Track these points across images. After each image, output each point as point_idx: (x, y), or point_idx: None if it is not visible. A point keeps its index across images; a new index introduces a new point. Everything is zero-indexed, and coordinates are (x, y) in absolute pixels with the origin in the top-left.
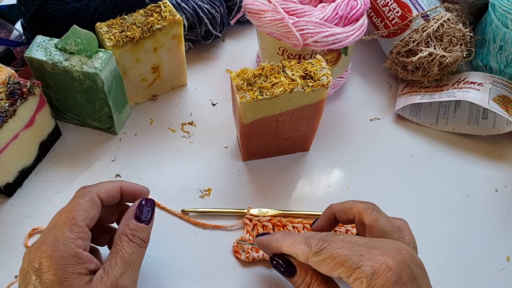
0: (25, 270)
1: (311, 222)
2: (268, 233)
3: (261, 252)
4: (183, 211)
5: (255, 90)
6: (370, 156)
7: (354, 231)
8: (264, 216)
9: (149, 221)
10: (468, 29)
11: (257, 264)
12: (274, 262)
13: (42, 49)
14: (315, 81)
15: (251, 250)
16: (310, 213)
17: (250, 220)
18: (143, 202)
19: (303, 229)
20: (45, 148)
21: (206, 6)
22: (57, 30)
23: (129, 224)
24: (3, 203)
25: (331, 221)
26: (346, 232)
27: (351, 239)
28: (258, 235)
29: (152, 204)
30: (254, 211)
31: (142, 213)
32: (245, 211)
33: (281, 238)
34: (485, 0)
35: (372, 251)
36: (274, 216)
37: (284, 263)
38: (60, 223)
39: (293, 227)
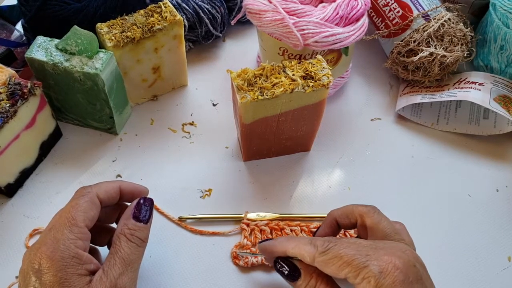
0: (24, 271)
1: (309, 224)
2: (271, 239)
3: (259, 257)
4: (180, 218)
5: (255, 90)
6: (371, 156)
7: (352, 232)
8: (261, 220)
9: (147, 220)
10: (469, 29)
11: (256, 269)
12: (278, 266)
13: (43, 49)
14: (315, 81)
15: (250, 256)
16: (308, 215)
17: (248, 225)
18: (141, 201)
19: (301, 231)
20: (46, 148)
21: (207, 6)
22: (57, 31)
23: (127, 223)
24: (4, 203)
25: (334, 227)
26: (344, 235)
27: (356, 241)
28: (261, 241)
29: (150, 203)
30: (251, 215)
31: (140, 212)
32: (243, 215)
33: (285, 241)
34: (486, 0)
35: (378, 251)
36: (272, 220)
37: (288, 266)
38: (59, 223)
39: (291, 230)
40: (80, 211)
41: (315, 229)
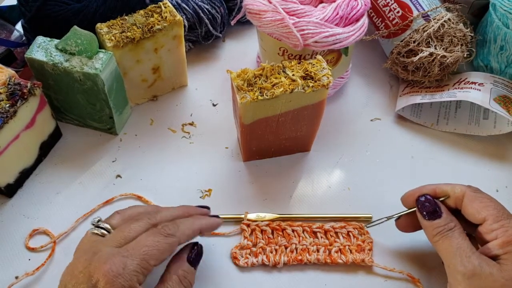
0: (79, 275)
1: (311, 225)
2: None
3: (259, 257)
4: None
5: (255, 91)
6: (370, 157)
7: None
8: (262, 221)
9: (197, 266)
10: (469, 29)
11: (256, 269)
12: (424, 199)
13: (43, 50)
14: (315, 81)
15: (250, 255)
16: (309, 216)
17: (248, 225)
18: (196, 247)
19: (303, 232)
20: (45, 148)
21: (207, 7)
22: (57, 31)
23: (182, 266)
24: (4, 203)
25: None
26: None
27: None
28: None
29: (202, 250)
30: (251, 216)
31: (196, 257)
32: (243, 216)
33: (435, 183)
34: (486, 0)
35: None
36: (273, 220)
37: (433, 204)
38: (135, 252)
39: (293, 231)
40: (158, 250)
41: (317, 229)
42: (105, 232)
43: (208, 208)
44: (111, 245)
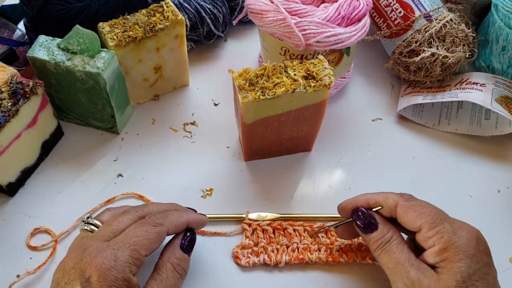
0: (71, 274)
1: (312, 224)
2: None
3: (261, 257)
4: None
5: (257, 90)
6: (372, 157)
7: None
8: (263, 221)
9: (190, 252)
10: (471, 29)
11: (257, 269)
12: (359, 213)
13: (45, 48)
14: (317, 81)
15: (251, 254)
16: (309, 216)
17: (249, 225)
18: (189, 234)
19: (304, 231)
20: (47, 147)
21: (209, 6)
22: (59, 30)
23: (175, 253)
24: (6, 202)
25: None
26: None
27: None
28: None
29: (195, 236)
30: (253, 215)
31: (189, 244)
32: (244, 215)
33: (369, 193)
34: (488, 0)
35: (452, 219)
36: (274, 220)
37: (367, 217)
38: (124, 242)
39: (294, 230)
40: (148, 240)
41: (318, 229)
42: (94, 228)
43: (195, 210)
44: (100, 240)
